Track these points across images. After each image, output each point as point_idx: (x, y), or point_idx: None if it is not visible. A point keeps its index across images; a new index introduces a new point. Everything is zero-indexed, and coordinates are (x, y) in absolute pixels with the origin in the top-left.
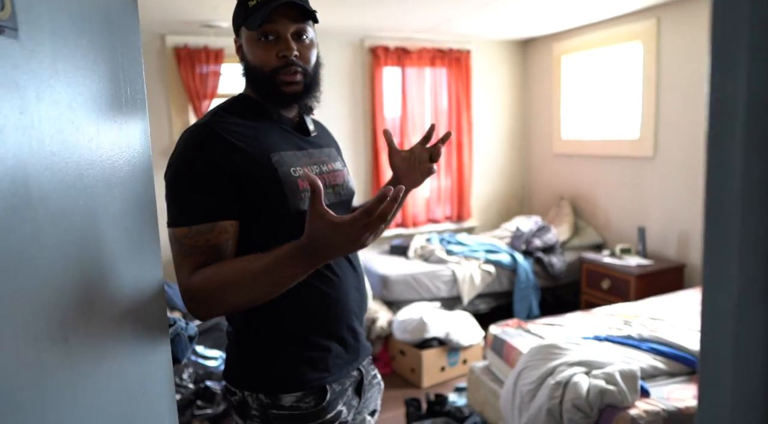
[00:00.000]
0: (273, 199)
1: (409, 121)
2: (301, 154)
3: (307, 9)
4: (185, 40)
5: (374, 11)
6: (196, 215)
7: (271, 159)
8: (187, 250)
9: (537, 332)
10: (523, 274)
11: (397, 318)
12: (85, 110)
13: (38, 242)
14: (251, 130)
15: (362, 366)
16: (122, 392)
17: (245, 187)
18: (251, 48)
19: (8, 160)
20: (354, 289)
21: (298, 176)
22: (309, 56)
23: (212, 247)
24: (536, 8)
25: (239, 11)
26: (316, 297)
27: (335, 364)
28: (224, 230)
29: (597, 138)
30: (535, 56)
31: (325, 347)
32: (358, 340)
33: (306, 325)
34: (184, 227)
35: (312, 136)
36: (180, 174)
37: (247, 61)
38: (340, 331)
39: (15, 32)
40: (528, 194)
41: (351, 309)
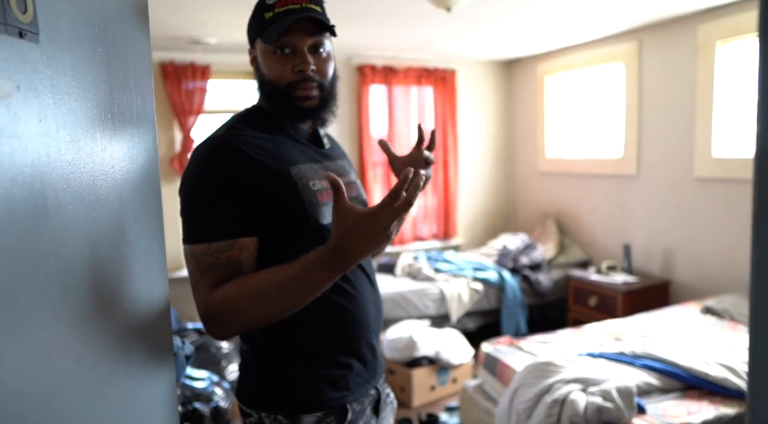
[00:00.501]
0: (293, 213)
1: (395, 139)
2: (318, 167)
3: (324, 22)
4: (171, 55)
5: (361, 30)
6: (215, 231)
7: (291, 173)
8: (206, 267)
9: (530, 350)
10: (511, 291)
11: (387, 337)
12: (99, 120)
13: (54, 254)
14: (269, 143)
15: (378, 384)
16: (128, 410)
17: (265, 201)
18: (267, 61)
19: (27, 168)
20: (372, 305)
21: (317, 190)
22: (326, 70)
23: (233, 264)
24: (520, 30)
25: (255, 23)
26: (336, 312)
27: (355, 382)
28: (245, 246)
29: (581, 157)
30: (519, 76)
31: (345, 364)
32: (376, 357)
33: (325, 341)
34: (204, 244)
35: (326, 148)
36: (198, 189)
37: (261, 74)
38: (359, 347)
39: (36, 37)
40: (513, 212)
41: (370, 325)
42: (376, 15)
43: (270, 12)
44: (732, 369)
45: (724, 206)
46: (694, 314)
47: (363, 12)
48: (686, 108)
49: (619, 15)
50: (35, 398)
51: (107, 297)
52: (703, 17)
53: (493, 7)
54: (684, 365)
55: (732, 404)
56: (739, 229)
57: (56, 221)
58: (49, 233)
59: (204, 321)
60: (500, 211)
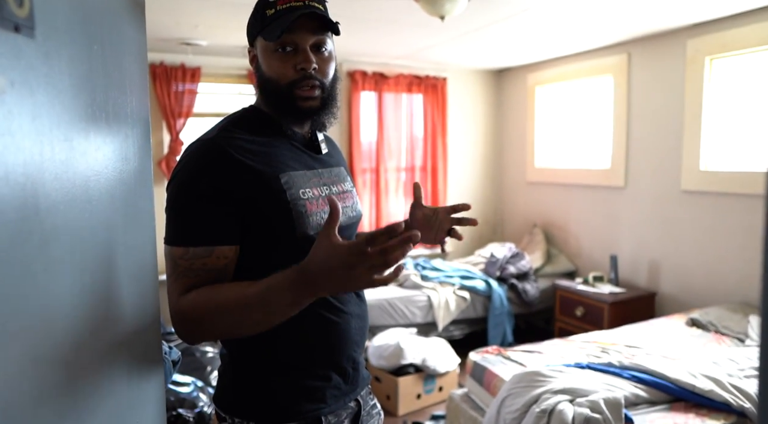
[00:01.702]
0: (279, 222)
1: (385, 146)
2: (311, 174)
3: (327, 20)
4: (162, 57)
5: (354, 36)
6: (195, 236)
7: (281, 180)
8: (180, 271)
9: (517, 359)
10: (498, 300)
11: (373, 344)
12: (94, 119)
13: (45, 255)
14: (261, 147)
15: (360, 396)
16: (115, 414)
17: (250, 209)
18: (267, 59)
19: (19, 167)
20: (356, 317)
21: (306, 198)
22: (327, 70)
23: (209, 271)
24: (511, 40)
25: (256, 20)
26: (317, 323)
27: (332, 395)
28: (223, 255)
29: (569, 167)
30: (509, 86)
31: (323, 376)
32: (358, 370)
33: (304, 352)
34: (182, 248)
35: (323, 154)
36: (182, 191)
37: (261, 73)
38: (340, 361)
39: (32, 32)
40: (501, 221)
41: (352, 338)
42: (370, 22)
43: (272, 9)
44: (718, 381)
45: (711, 219)
46: (680, 326)
47: (356, 18)
48: (674, 121)
49: (608, 28)
50: (22, 403)
51: (97, 300)
52: (692, 32)
53: (485, 17)
54: (671, 377)
55: (718, 416)
56: (726, 242)
57: (48, 221)
58: (40, 234)
59: (174, 325)
60: (488, 219)
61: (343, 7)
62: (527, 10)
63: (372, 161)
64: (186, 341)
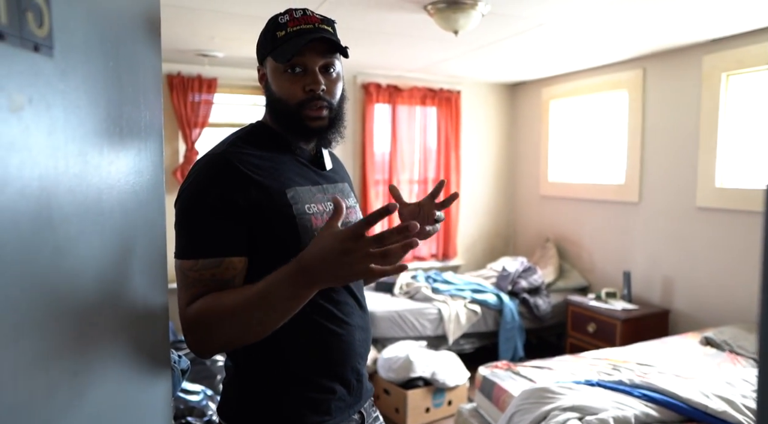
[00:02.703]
0: (285, 236)
1: (398, 158)
2: (316, 190)
3: (337, 43)
4: (179, 67)
5: (368, 49)
6: (204, 248)
7: (287, 195)
8: (189, 282)
9: (527, 375)
10: (509, 314)
11: (382, 356)
12: (108, 133)
13: (57, 267)
14: (268, 162)
15: (364, 408)
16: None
17: (258, 222)
18: (277, 79)
19: (34, 181)
20: (360, 329)
21: (312, 214)
22: (335, 90)
23: (217, 282)
24: (525, 54)
25: (266, 41)
26: (321, 335)
27: (337, 407)
28: (232, 266)
29: (583, 181)
30: (523, 100)
31: (328, 388)
32: (362, 382)
33: (309, 364)
34: (191, 260)
35: (328, 170)
36: (191, 205)
37: (271, 92)
38: (344, 372)
39: (51, 51)
40: (513, 235)
41: (356, 350)
42: (384, 35)
43: (282, 31)
44: (731, 402)
45: (726, 237)
46: (694, 344)
47: (371, 32)
48: (690, 137)
49: (624, 43)
50: (31, 409)
51: (109, 311)
52: (708, 48)
53: (499, 32)
54: (683, 397)
55: None
56: (741, 260)
57: (61, 233)
58: (53, 245)
59: (185, 336)
60: (500, 233)
61: (357, 20)
62: (542, 25)
63: (385, 173)
64: (198, 353)
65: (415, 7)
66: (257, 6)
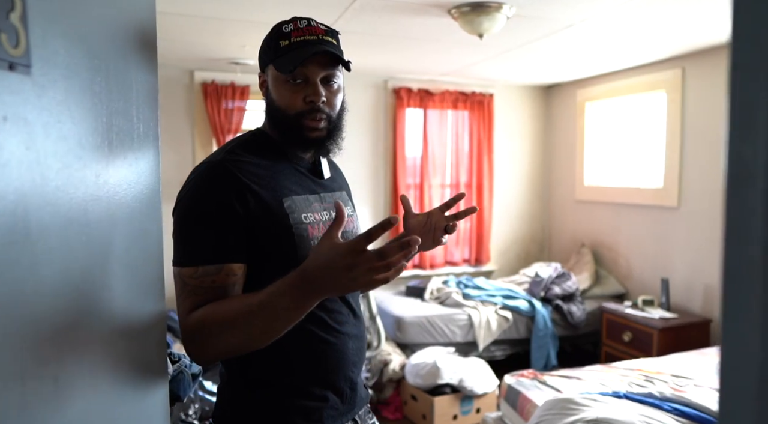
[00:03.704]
0: (282, 244)
1: (429, 162)
2: (313, 198)
3: (339, 57)
4: (213, 76)
5: (398, 53)
6: (203, 255)
7: (284, 204)
8: (190, 290)
9: (553, 385)
10: (542, 321)
11: (410, 362)
12: (95, 146)
13: (34, 275)
14: (266, 170)
15: (358, 416)
16: None
17: (255, 230)
18: (278, 88)
19: (10, 194)
20: (354, 337)
21: (308, 223)
22: (335, 102)
23: (217, 288)
24: (559, 56)
25: (269, 49)
26: (314, 344)
27: (329, 415)
28: (232, 272)
29: (620, 185)
30: (558, 102)
31: (320, 396)
32: (355, 390)
33: (301, 372)
34: (191, 267)
35: (326, 179)
36: (190, 212)
37: (271, 100)
38: (337, 381)
39: (28, 69)
40: (548, 240)
41: (349, 359)
42: (412, 40)
43: (286, 40)
44: None
45: None
46: None
47: (398, 37)
48: None
49: (661, 42)
50: (6, 421)
51: (95, 320)
52: None
53: (527, 34)
54: None
55: None
56: None
57: (40, 244)
58: (30, 256)
59: (185, 344)
60: (535, 238)
61: (382, 25)
62: (571, 26)
63: (416, 177)
64: (199, 360)
65: (440, 11)
66: (284, 15)
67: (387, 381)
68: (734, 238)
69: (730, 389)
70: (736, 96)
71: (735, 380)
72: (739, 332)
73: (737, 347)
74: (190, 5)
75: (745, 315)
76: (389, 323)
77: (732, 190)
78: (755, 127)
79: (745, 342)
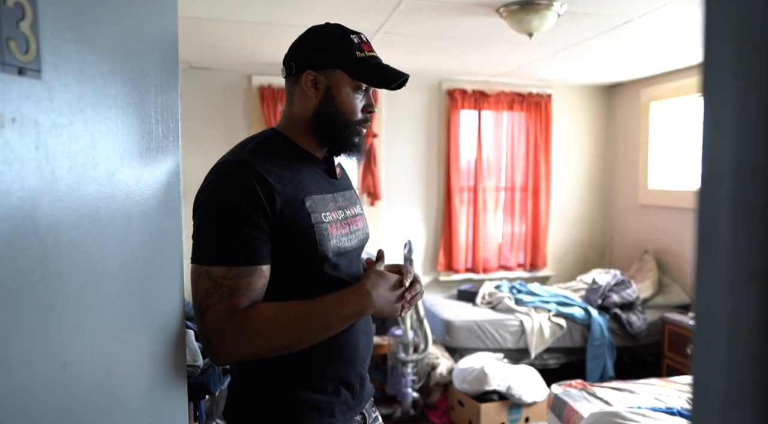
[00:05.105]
0: (304, 242)
1: (483, 165)
2: (329, 198)
3: (403, 82)
4: (269, 80)
5: (451, 55)
6: (237, 255)
7: (305, 203)
8: (226, 291)
9: (603, 397)
10: (598, 330)
11: (458, 366)
12: (108, 147)
13: (42, 267)
14: (287, 170)
15: (365, 409)
16: None
17: (280, 229)
18: (346, 94)
19: (17, 191)
20: (364, 333)
21: (328, 222)
22: None
23: (253, 290)
24: (619, 54)
25: (337, 52)
26: (330, 341)
27: (341, 410)
28: (263, 274)
29: (687, 189)
30: (621, 102)
31: (333, 391)
32: (364, 385)
33: (314, 368)
34: (223, 267)
35: (338, 178)
36: (219, 212)
37: (333, 103)
38: (349, 376)
39: (38, 73)
40: (609, 245)
41: (361, 355)
42: (461, 41)
43: (362, 53)
44: None
45: None
46: None
47: (448, 38)
48: None
49: None
50: (14, 401)
51: (106, 306)
52: None
53: (582, 31)
54: None
55: None
56: None
57: (49, 238)
58: (38, 249)
59: (213, 343)
60: (595, 243)
61: (431, 26)
62: (630, 22)
63: (470, 180)
64: (220, 358)
65: (487, 10)
66: (334, 19)
67: (434, 385)
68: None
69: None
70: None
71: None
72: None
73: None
74: (247, 12)
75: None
76: (438, 327)
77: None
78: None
79: (713, 342)
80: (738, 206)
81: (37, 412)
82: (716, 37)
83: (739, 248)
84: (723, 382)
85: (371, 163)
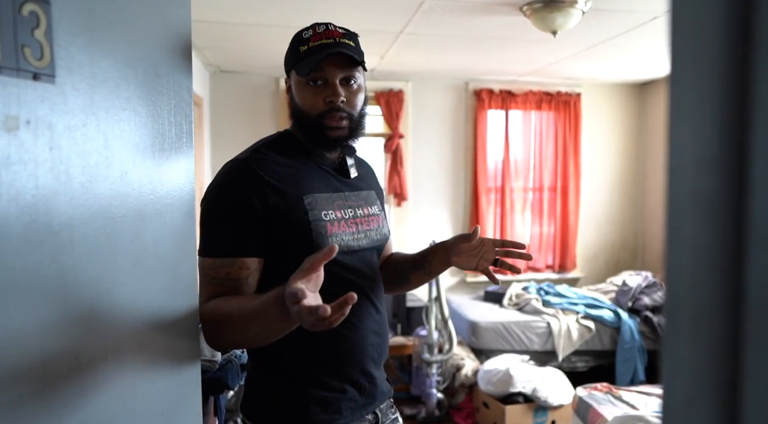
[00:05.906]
0: (301, 240)
1: (511, 165)
2: (336, 196)
3: (353, 57)
4: None
5: (478, 55)
6: (220, 247)
7: (304, 201)
8: (208, 280)
9: (629, 400)
10: (628, 333)
11: (483, 368)
12: (121, 147)
13: (56, 261)
14: (289, 169)
15: (379, 409)
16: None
17: (276, 226)
18: (299, 91)
19: (30, 189)
20: (373, 333)
21: (328, 220)
22: (355, 102)
23: (232, 280)
24: (651, 50)
25: (290, 55)
26: (330, 338)
27: (348, 407)
28: (246, 266)
29: None
30: (654, 99)
31: (338, 388)
32: (375, 384)
33: (318, 365)
34: (210, 258)
35: (353, 178)
36: (212, 206)
37: (295, 103)
38: (353, 374)
39: (52, 78)
40: (642, 247)
41: (367, 353)
42: (488, 40)
43: (305, 46)
44: None
45: None
46: None
47: (473, 37)
48: None
49: None
50: (27, 397)
51: (118, 301)
52: None
53: (608, 29)
54: None
55: None
56: None
57: (63, 234)
58: (51, 245)
59: (202, 330)
60: (627, 245)
61: (454, 26)
62: (658, 18)
63: (497, 181)
64: (212, 345)
65: (510, 9)
66: (356, 22)
67: (459, 386)
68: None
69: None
70: None
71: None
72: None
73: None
74: (271, 16)
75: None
76: (464, 328)
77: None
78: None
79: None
80: (697, 200)
81: (51, 402)
82: (678, 35)
83: (699, 242)
84: (687, 377)
85: (397, 164)
